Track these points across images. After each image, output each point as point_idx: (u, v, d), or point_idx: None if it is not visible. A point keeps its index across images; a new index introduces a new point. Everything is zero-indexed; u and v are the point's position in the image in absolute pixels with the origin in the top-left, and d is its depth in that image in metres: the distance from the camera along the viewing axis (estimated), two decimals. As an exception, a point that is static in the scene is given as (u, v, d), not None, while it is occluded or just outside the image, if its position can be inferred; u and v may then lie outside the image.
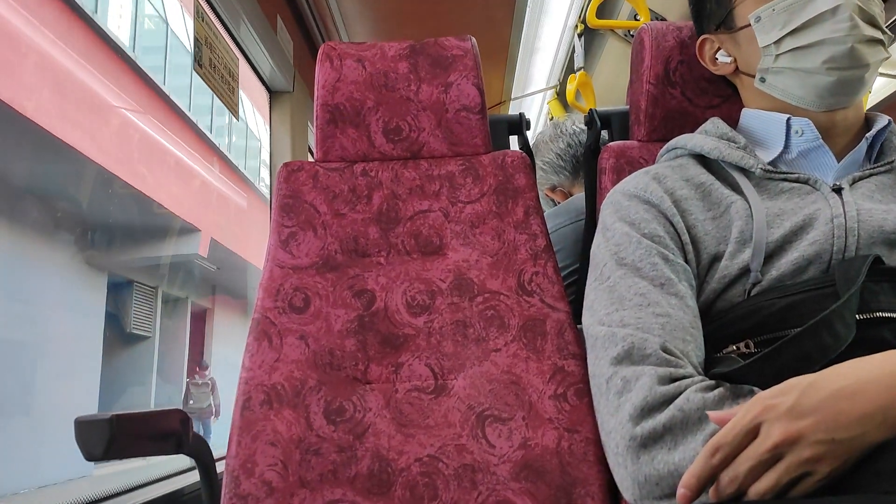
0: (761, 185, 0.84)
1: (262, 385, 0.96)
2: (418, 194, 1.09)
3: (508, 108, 3.48)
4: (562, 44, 2.95)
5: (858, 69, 0.81)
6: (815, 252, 0.76)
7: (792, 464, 0.55)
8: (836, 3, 0.79)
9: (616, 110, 1.19)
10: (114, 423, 0.75)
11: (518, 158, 1.11)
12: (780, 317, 0.74)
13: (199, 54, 1.50)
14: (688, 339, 0.73)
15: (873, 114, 0.89)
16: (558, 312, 1.00)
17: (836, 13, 0.79)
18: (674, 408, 0.66)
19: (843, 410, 0.55)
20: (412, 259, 1.06)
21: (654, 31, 1.06)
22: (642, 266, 0.79)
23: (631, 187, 0.87)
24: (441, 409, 0.96)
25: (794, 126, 0.85)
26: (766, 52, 0.85)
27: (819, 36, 0.80)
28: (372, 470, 0.92)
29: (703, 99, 1.04)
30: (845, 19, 0.79)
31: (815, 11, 0.80)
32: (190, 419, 0.87)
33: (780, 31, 0.82)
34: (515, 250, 1.04)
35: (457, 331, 1.00)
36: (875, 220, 0.76)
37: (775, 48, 0.83)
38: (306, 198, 1.08)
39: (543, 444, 0.92)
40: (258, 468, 0.92)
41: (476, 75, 1.12)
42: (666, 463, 0.65)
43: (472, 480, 0.91)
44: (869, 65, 0.81)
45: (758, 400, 0.58)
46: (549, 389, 0.95)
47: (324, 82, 1.11)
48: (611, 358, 0.73)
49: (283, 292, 1.02)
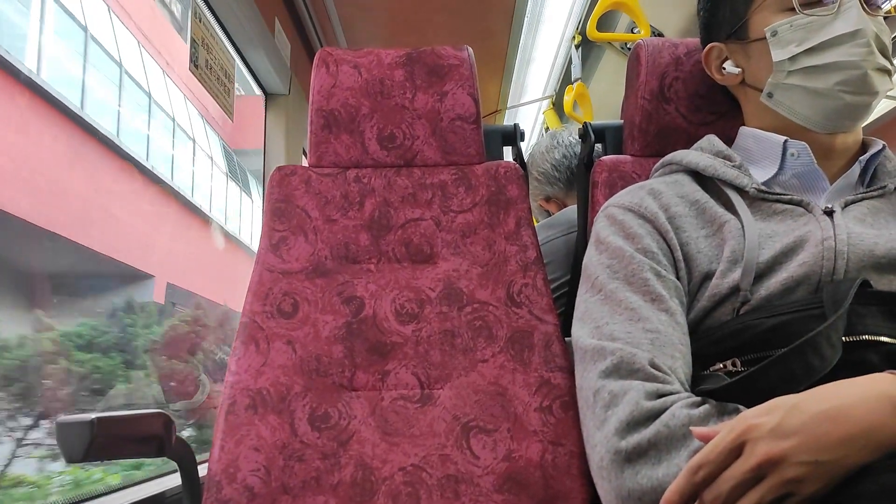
0: (755, 204, 0.84)
1: (248, 389, 0.96)
2: (410, 202, 1.09)
3: (504, 116, 3.49)
4: (558, 54, 2.96)
5: (868, 95, 0.81)
6: (805, 273, 0.76)
7: (774, 484, 0.55)
8: (857, 28, 0.80)
9: (610, 124, 1.20)
10: (95, 424, 0.75)
11: (511, 169, 1.11)
12: (767, 336, 0.74)
13: (195, 55, 1.49)
14: (676, 355, 0.74)
15: (868, 138, 0.89)
16: (546, 325, 1.00)
17: (855, 37, 0.80)
18: (659, 423, 0.66)
19: (827, 432, 0.55)
20: (402, 267, 1.06)
21: (650, 46, 1.06)
22: (634, 281, 0.79)
23: (626, 201, 0.87)
24: (426, 419, 0.95)
25: (790, 148, 0.86)
26: (779, 68, 0.84)
27: (835, 58, 0.80)
28: (355, 478, 0.92)
29: (698, 116, 1.04)
30: (863, 44, 0.80)
31: (833, 33, 0.80)
32: (173, 422, 0.86)
33: (796, 48, 0.82)
34: (506, 261, 1.04)
35: (444, 340, 1.00)
36: (865, 243, 0.77)
37: (789, 64, 0.83)
38: (298, 202, 1.08)
39: (527, 456, 0.92)
40: (240, 473, 0.91)
41: (472, 85, 1.12)
42: (650, 478, 0.65)
43: (455, 491, 0.91)
44: (878, 93, 0.81)
45: (742, 419, 0.58)
46: (534, 402, 0.95)
47: (319, 87, 1.11)
48: (599, 371, 0.73)
49: (272, 296, 1.02)
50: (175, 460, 0.90)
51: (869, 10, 0.81)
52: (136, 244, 5.64)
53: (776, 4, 0.85)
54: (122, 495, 1.18)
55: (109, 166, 5.50)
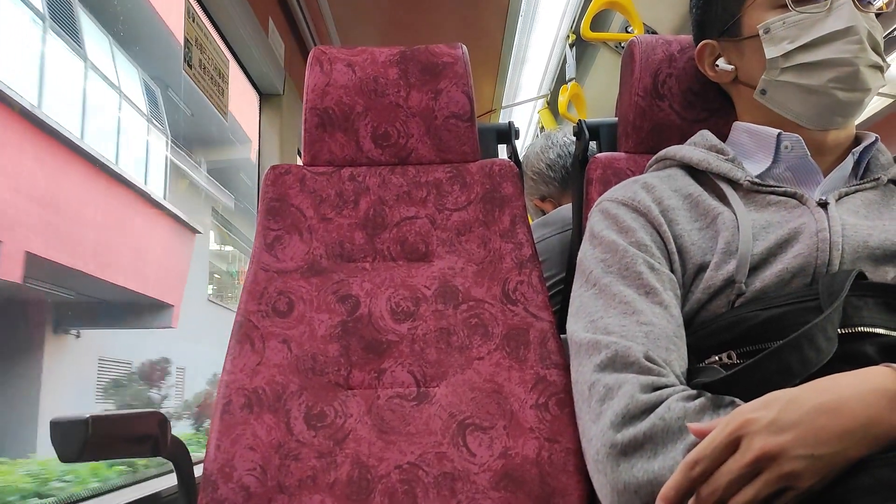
0: (748, 197, 0.84)
1: (244, 388, 0.95)
2: (405, 200, 1.09)
3: (499, 116, 3.49)
4: (553, 54, 2.97)
5: (860, 92, 0.81)
6: (800, 265, 0.76)
7: (771, 478, 0.55)
8: (849, 24, 0.80)
9: (605, 122, 1.20)
10: (90, 423, 0.74)
11: (506, 167, 1.11)
12: (762, 328, 0.74)
13: (188, 55, 1.49)
14: (671, 348, 0.73)
15: (861, 132, 0.89)
16: (542, 322, 1.00)
17: (848, 34, 0.80)
18: (655, 416, 0.66)
19: (824, 426, 0.55)
20: (398, 265, 1.05)
21: (644, 44, 1.06)
22: (628, 274, 0.79)
23: (620, 195, 0.87)
24: (422, 417, 0.95)
25: (783, 141, 0.86)
26: (772, 65, 0.84)
27: (828, 54, 0.81)
28: (351, 476, 0.91)
29: (691, 112, 1.04)
30: (856, 41, 0.80)
31: (826, 29, 0.80)
32: (168, 421, 0.86)
33: (788, 45, 0.82)
34: (501, 259, 1.04)
35: (440, 338, 1.00)
36: (860, 235, 0.77)
37: (782, 61, 0.83)
38: (293, 201, 1.08)
39: (524, 453, 0.92)
40: (236, 473, 0.91)
41: (466, 83, 1.12)
42: (645, 471, 0.65)
43: (451, 489, 0.91)
44: (870, 89, 0.81)
45: (738, 413, 0.58)
46: (530, 399, 0.95)
47: (313, 86, 1.11)
48: (594, 365, 0.73)
49: (267, 296, 1.01)
50: (170, 460, 0.90)
51: (861, 6, 0.81)
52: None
53: (769, 2, 0.85)
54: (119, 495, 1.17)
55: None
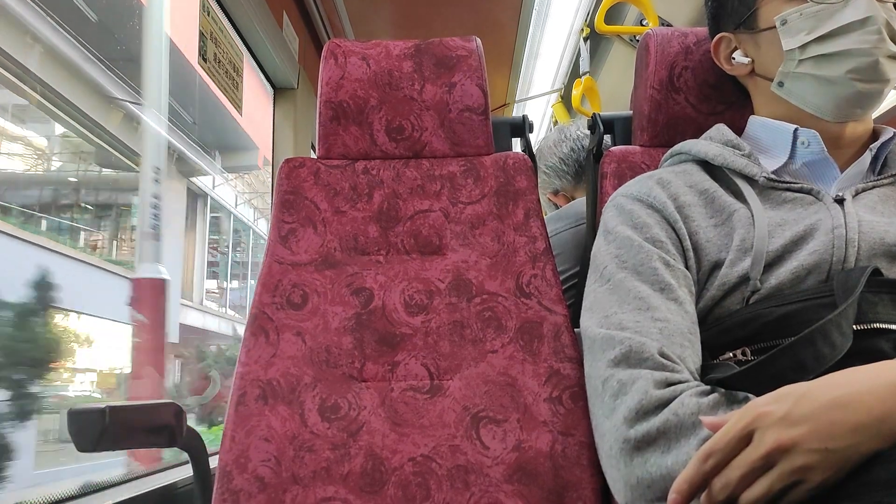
0: (764, 193, 0.84)
1: (258, 380, 0.96)
2: (419, 194, 1.09)
3: (512, 110, 3.48)
4: (566, 48, 2.95)
5: (879, 83, 0.80)
6: (815, 262, 0.75)
7: (784, 472, 0.55)
8: (867, 15, 0.79)
9: (619, 115, 1.19)
10: (107, 413, 0.75)
11: (520, 160, 1.11)
12: (777, 325, 0.73)
13: (203, 49, 1.50)
14: (685, 344, 0.73)
15: (879, 126, 0.88)
16: (555, 315, 1.00)
17: (866, 24, 0.79)
18: (668, 412, 0.66)
19: (837, 420, 0.55)
20: (411, 258, 1.06)
21: (659, 36, 1.05)
22: (643, 270, 0.79)
23: (635, 191, 0.87)
24: (436, 409, 0.96)
25: (800, 137, 0.85)
26: (790, 57, 0.84)
27: (846, 45, 0.80)
28: (365, 468, 0.92)
29: (707, 105, 1.04)
30: (874, 31, 0.79)
31: (844, 20, 0.80)
32: (184, 412, 0.87)
33: (806, 37, 0.81)
34: (514, 252, 1.04)
35: (454, 331, 1.00)
36: (876, 231, 0.76)
37: (799, 53, 0.83)
38: (307, 194, 1.08)
39: (537, 446, 0.92)
40: (251, 464, 0.91)
41: (480, 76, 1.12)
42: (659, 466, 0.65)
43: (464, 481, 0.91)
44: (889, 80, 0.80)
45: (751, 407, 0.58)
46: (544, 392, 0.95)
47: (328, 79, 1.11)
48: (608, 360, 0.73)
49: (282, 288, 1.02)
50: (186, 450, 0.91)
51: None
52: None
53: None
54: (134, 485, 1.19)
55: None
